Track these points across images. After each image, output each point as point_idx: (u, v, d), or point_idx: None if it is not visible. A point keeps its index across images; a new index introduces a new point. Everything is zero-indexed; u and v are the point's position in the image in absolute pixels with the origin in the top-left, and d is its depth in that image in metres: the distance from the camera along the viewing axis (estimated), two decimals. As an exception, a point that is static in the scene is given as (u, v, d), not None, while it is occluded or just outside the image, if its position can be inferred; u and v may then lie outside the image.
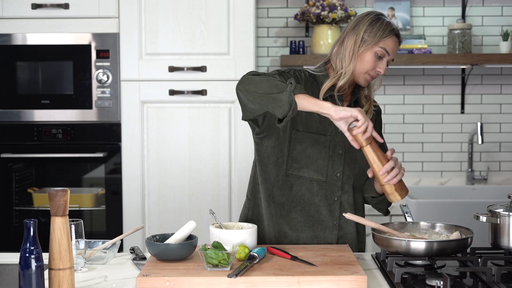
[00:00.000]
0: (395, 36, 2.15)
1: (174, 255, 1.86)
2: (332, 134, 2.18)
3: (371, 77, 2.16)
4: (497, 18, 3.73)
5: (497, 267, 1.78)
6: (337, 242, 2.20)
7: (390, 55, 2.15)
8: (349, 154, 2.20)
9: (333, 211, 2.19)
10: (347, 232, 2.21)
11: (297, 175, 2.17)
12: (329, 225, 2.19)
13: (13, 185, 3.36)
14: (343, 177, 2.19)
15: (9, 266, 1.99)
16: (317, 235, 2.18)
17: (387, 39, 2.13)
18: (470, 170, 3.71)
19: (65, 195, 1.63)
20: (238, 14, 3.22)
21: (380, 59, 2.14)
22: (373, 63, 2.14)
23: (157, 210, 3.28)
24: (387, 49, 2.14)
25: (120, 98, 3.26)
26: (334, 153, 2.18)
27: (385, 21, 2.16)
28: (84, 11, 3.23)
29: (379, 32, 2.13)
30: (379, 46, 2.13)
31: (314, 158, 2.16)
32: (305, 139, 2.16)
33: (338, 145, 2.18)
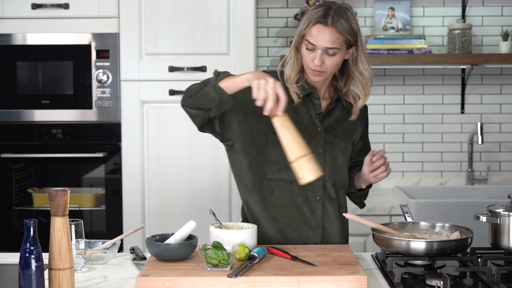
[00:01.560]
0: (320, 23, 2.03)
1: (174, 255, 1.86)
2: (310, 134, 2.16)
3: (313, 71, 2.09)
4: (497, 18, 3.73)
5: (497, 267, 1.78)
6: (321, 241, 2.18)
7: (317, 46, 2.05)
8: (329, 153, 2.18)
9: (316, 211, 2.17)
10: (331, 231, 2.20)
11: (277, 178, 2.15)
12: (313, 225, 2.18)
13: (13, 185, 3.36)
14: (325, 176, 2.17)
15: (9, 266, 1.99)
16: (302, 236, 2.17)
17: (311, 29, 2.05)
18: (470, 170, 3.71)
19: (65, 195, 1.63)
20: (238, 14, 3.22)
21: (313, 51, 2.07)
22: (307, 56, 2.08)
23: (157, 210, 3.28)
24: (311, 40, 2.05)
25: (120, 98, 3.26)
26: (314, 153, 2.16)
27: (318, 8, 2.06)
28: (84, 11, 3.23)
29: (306, 21, 2.06)
30: (305, 39, 2.07)
31: None
32: None
33: (318, 145, 2.16)
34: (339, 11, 2.05)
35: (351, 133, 2.25)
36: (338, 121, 2.22)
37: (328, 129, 2.19)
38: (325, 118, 2.20)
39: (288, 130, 1.86)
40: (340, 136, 2.21)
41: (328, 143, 2.18)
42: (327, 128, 2.19)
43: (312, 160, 1.87)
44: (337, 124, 2.22)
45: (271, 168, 2.15)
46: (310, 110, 2.18)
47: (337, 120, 2.22)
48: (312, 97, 2.18)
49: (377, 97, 3.77)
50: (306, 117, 2.17)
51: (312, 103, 2.18)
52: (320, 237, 2.18)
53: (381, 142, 3.79)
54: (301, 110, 2.17)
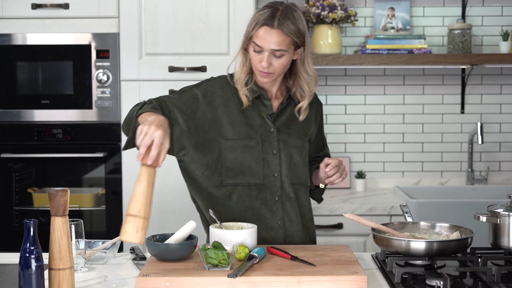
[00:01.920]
0: (266, 25, 2.02)
1: (174, 255, 1.86)
2: (263, 136, 2.15)
3: (261, 73, 2.09)
4: (497, 18, 3.73)
5: (497, 267, 1.78)
6: (284, 241, 2.18)
7: (264, 48, 2.04)
8: (284, 152, 2.17)
9: (276, 211, 2.17)
10: (292, 230, 2.19)
11: (234, 183, 2.15)
12: (274, 226, 2.17)
13: (13, 185, 3.36)
14: (281, 176, 2.17)
15: (9, 266, 1.99)
16: (265, 238, 2.16)
17: (257, 31, 2.04)
18: (470, 170, 3.71)
19: (65, 195, 1.63)
20: (238, 14, 3.22)
21: (260, 53, 2.07)
22: (255, 58, 2.08)
23: (157, 210, 3.27)
24: (258, 43, 2.05)
25: (120, 98, 3.26)
26: (268, 154, 2.16)
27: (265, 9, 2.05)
28: (84, 11, 3.23)
29: (253, 23, 2.06)
30: (252, 41, 2.07)
31: (248, 164, 2.14)
32: (236, 147, 2.13)
33: (272, 145, 2.16)
34: (286, 12, 2.05)
35: (306, 130, 2.25)
36: (292, 119, 2.21)
37: (281, 129, 2.19)
38: (278, 117, 2.20)
39: (143, 184, 1.74)
40: (294, 135, 2.21)
41: (282, 143, 2.17)
42: (280, 128, 2.19)
43: (142, 226, 1.71)
44: (290, 122, 2.21)
45: (227, 174, 2.14)
46: (261, 112, 2.18)
47: (290, 119, 2.21)
48: (263, 98, 2.17)
49: (377, 97, 3.77)
50: (258, 119, 2.17)
51: (263, 105, 2.18)
52: (283, 237, 2.18)
53: (381, 142, 3.79)
54: (252, 113, 2.17)
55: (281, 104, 2.20)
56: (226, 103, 2.16)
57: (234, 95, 2.17)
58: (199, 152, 2.15)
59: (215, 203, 2.17)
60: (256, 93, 2.16)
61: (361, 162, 3.79)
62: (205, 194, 2.18)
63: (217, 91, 2.17)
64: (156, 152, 1.77)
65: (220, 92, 2.17)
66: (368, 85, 3.77)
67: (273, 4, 2.09)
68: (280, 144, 2.17)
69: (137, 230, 1.69)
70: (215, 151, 2.14)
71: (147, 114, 1.99)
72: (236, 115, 2.15)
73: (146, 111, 2.01)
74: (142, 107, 2.06)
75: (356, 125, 3.79)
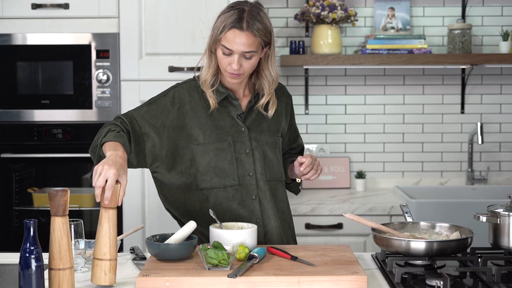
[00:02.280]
0: (235, 28, 2.02)
1: (174, 255, 1.86)
2: (234, 136, 2.15)
3: (231, 74, 2.08)
4: (497, 18, 3.73)
5: (497, 267, 1.78)
6: (264, 238, 2.17)
7: (234, 51, 2.03)
8: (257, 150, 2.17)
9: (254, 210, 2.17)
10: (271, 228, 2.18)
11: (210, 187, 2.14)
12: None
13: (13, 185, 3.36)
14: (256, 175, 2.17)
15: (9, 266, 1.99)
16: None
17: (226, 34, 2.03)
18: (470, 170, 3.71)
19: (65, 195, 1.63)
20: (238, 14, 3.22)
21: (229, 55, 2.05)
22: (224, 60, 2.07)
23: (157, 210, 3.27)
24: (227, 46, 2.03)
25: (120, 98, 3.26)
26: (241, 154, 2.15)
27: (232, 11, 2.04)
28: (84, 11, 3.23)
29: (220, 27, 2.04)
30: (220, 43, 2.05)
31: (222, 166, 2.13)
32: (208, 151, 2.13)
33: (244, 145, 2.16)
34: (253, 12, 2.04)
35: (277, 125, 2.25)
36: (262, 116, 2.21)
37: (253, 127, 2.18)
38: (248, 116, 2.20)
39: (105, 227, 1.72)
40: (265, 132, 2.20)
41: (255, 141, 2.17)
42: (251, 126, 2.18)
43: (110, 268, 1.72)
44: (261, 120, 2.21)
45: (202, 178, 2.14)
46: (231, 112, 2.17)
47: (260, 116, 2.21)
48: (231, 99, 2.17)
49: (377, 97, 3.77)
50: (228, 120, 2.16)
51: (232, 105, 2.17)
52: (262, 235, 2.17)
53: (381, 142, 3.79)
54: (222, 114, 2.16)
55: (250, 102, 2.20)
56: (195, 108, 2.15)
57: (202, 99, 2.16)
58: (172, 160, 2.14)
59: (193, 208, 2.16)
60: (223, 94, 2.15)
61: (361, 162, 3.79)
62: (181, 200, 2.18)
63: (184, 97, 2.17)
64: (109, 193, 1.73)
65: (187, 98, 2.16)
66: (368, 85, 3.77)
67: (238, 4, 2.08)
68: (253, 143, 2.17)
69: (105, 273, 1.71)
70: (187, 157, 2.14)
71: (109, 144, 1.98)
72: (206, 118, 2.14)
73: (108, 140, 2.00)
74: (106, 134, 2.04)
75: (356, 125, 3.79)
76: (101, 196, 1.74)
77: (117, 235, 1.76)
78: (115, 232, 1.74)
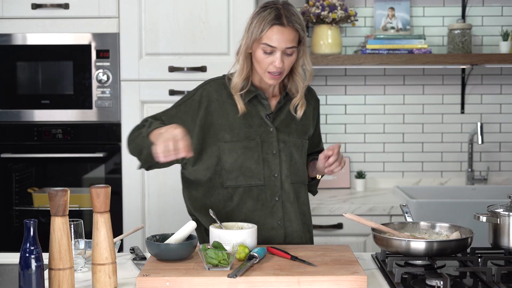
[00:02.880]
0: (277, 25, 2.02)
1: (174, 255, 1.86)
2: (262, 136, 2.15)
3: (272, 74, 2.08)
4: (497, 18, 3.73)
5: (497, 267, 1.78)
6: (284, 240, 2.18)
7: (277, 48, 2.04)
8: (284, 152, 2.17)
9: (276, 211, 2.17)
10: (292, 230, 2.19)
11: (235, 186, 2.15)
12: (274, 226, 2.17)
13: (13, 185, 3.36)
14: (281, 176, 2.16)
15: (9, 266, 1.99)
16: (264, 239, 2.16)
17: (268, 32, 2.03)
18: (470, 170, 3.71)
19: (65, 195, 1.63)
20: (238, 14, 3.22)
21: (271, 54, 2.06)
22: (265, 60, 2.06)
23: (157, 210, 3.28)
24: (270, 43, 2.03)
25: (120, 98, 3.26)
26: (268, 155, 2.15)
27: (268, 10, 2.04)
28: (84, 11, 3.23)
29: (260, 25, 2.03)
30: (262, 43, 2.05)
31: (248, 165, 2.13)
32: (235, 149, 2.13)
33: (272, 145, 2.16)
34: (288, 9, 2.06)
35: (305, 128, 2.25)
36: (291, 118, 2.21)
37: (281, 128, 2.18)
38: (276, 116, 2.20)
39: (103, 231, 1.73)
40: (293, 134, 2.20)
41: (282, 143, 2.17)
42: (279, 127, 2.18)
43: (113, 271, 1.73)
44: (289, 121, 2.21)
45: (228, 176, 2.15)
46: (260, 112, 2.17)
47: (289, 117, 2.21)
48: (260, 98, 2.17)
49: (377, 97, 3.77)
50: (256, 119, 2.16)
51: (261, 104, 2.18)
52: (282, 237, 2.18)
53: (381, 142, 3.79)
54: (251, 113, 2.16)
55: (279, 103, 2.19)
56: (222, 106, 2.15)
57: (230, 97, 2.16)
58: (200, 157, 2.15)
59: (216, 206, 2.17)
60: (252, 93, 2.15)
61: (361, 162, 3.79)
62: (206, 197, 2.18)
63: (212, 95, 2.17)
64: (183, 143, 1.83)
65: (215, 96, 2.16)
66: (368, 85, 3.77)
67: (270, 4, 2.08)
68: (280, 144, 2.17)
69: (109, 276, 1.72)
70: (214, 155, 2.15)
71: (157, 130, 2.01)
72: (234, 117, 2.15)
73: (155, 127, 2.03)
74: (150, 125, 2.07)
75: (356, 125, 3.79)
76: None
77: (113, 239, 1.78)
78: (112, 235, 1.75)
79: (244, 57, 2.11)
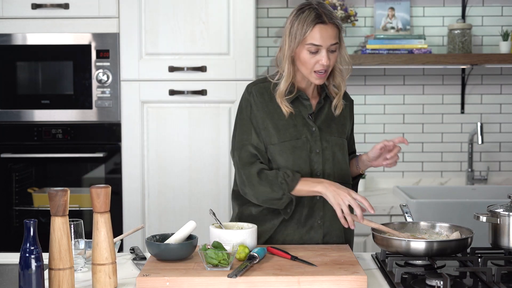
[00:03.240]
0: (320, 23, 2.05)
1: (174, 255, 1.86)
2: (307, 135, 2.16)
3: (319, 74, 2.10)
4: (497, 18, 3.73)
5: (497, 267, 1.78)
6: (322, 240, 2.18)
7: (323, 46, 2.06)
8: (327, 151, 2.18)
9: (317, 210, 2.18)
10: (331, 230, 2.19)
11: None
12: (314, 225, 2.18)
13: (13, 185, 3.36)
14: (324, 175, 2.17)
15: (9, 266, 1.99)
16: (303, 237, 2.17)
17: (312, 32, 2.05)
18: (470, 170, 3.71)
19: (65, 195, 1.63)
20: (238, 14, 3.22)
21: (317, 53, 2.08)
22: (310, 60, 2.08)
23: (157, 210, 3.28)
24: (316, 42, 2.05)
25: (120, 98, 3.26)
26: (312, 153, 2.17)
27: (306, 11, 2.07)
28: (84, 11, 3.23)
29: (303, 27, 2.06)
30: (306, 43, 2.07)
31: (297, 164, 2.15)
32: (284, 150, 2.15)
33: (315, 144, 2.17)
34: (324, 7, 2.10)
35: (344, 128, 2.26)
36: (331, 118, 2.23)
37: (323, 128, 2.20)
38: (318, 116, 2.21)
39: (103, 231, 1.73)
40: (335, 133, 2.22)
41: (325, 142, 2.18)
42: (321, 127, 2.20)
43: (113, 271, 1.73)
44: (330, 121, 2.22)
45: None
46: (301, 112, 2.18)
47: (329, 117, 2.22)
48: (302, 99, 2.18)
49: (377, 97, 3.77)
50: (299, 119, 2.18)
51: (303, 105, 2.19)
52: (321, 236, 2.18)
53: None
54: (294, 114, 2.17)
55: (319, 103, 2.21)
56: (267, 109, 2.16)
57: (273, 100, 2.17)
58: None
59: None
60: (295, 94, 2.16)
61: (361, 162, 3.78)
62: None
63: (257, 101, 2.17)
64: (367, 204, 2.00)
65: (259, 99, 2.17)
66: (368, 85, 3.77)
67: (306, 5, 2.10)
68: (323, 143, 2.18)
69: (109, 276, 1.72)
70: (266, 156, 2.18)
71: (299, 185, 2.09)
72: (278, 119, 2.16)
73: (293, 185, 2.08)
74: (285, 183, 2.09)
75: (356, 125, 3.76)
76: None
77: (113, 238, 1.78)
78: (112, 235, 1.75)
79: (289, 62, 2.13)
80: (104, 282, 1.71)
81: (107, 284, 1.72)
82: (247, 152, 2.15)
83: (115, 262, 1.74)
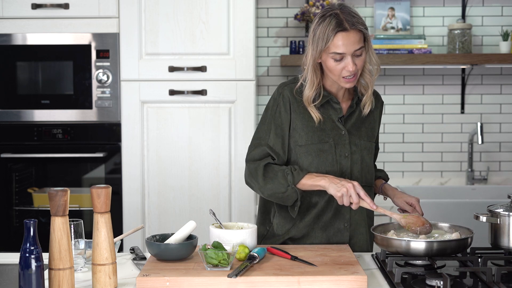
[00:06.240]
0: (341, 31, 2.02)
1: (174, 255, 1.86)
2: (335, 139, 2.16)
3: (347, 78, 2.09)
4: (497, 18, 3.73)
5: (497, 267, 1.78)
6: (349, 242, 2.19)
7: (346, 53, 2.04)
8: (356, 155, 2.19)
9: (344, 213, 2.18)
10: (358, 233, 2.21)
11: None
12: (341, 228, 2.19)
13: (13, 185, 3.36)
14: (352, 179, 2.17)
15: (9, 266, 1.99)
16: (330, 239, 2.19)
17: (334, 41, 2.03)
18: (470, 170, 3.71)
19: (65, 195, 1.63)
20: (238, 14, 3.22)
21: (342, 60, 2.06)
22: (337, 67, 2.07)
23: (157, 210, 3.28)
24: (338, 51, 2.04)
25: (120, 98, 3.26)
26: (341, 157, 2.17)
27: (327, 18, 2.04)
28: (84, 11, 3.23)
29: (324, 36, 2.03)
30: (330, 52, 2.05)
31: (323, 167, 2.15)
32: (310, 152, 2.15)
33: (344, 148, 2.17)
34: (346, 11, 2.06)
35: (373, 132, 2.27)
36: (361, 121, 2.23)
37: (352, 131, 2.20)
38: (348, 120, 2.21)
39: (103, 231, 1.72)
40: (364, 137, 2.22)
41: (354, 145, 2.18)
42: (350, 130, 2.20)
43: (113, 271, 1.73)
44: (360, 124, 2.22)
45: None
46: (331, 115, 2.18)
47: (359, 121, 2.22)
48: (332, 102, 2.18)
49: (377, 97, 3.77)
50: (328, 122, 2.17)
51: (333, 108, 2.18)
52: (348, 239, 2.19)
53: (381, 142, 3.78)
54: (324, 117, 2.17)
55: (351, 107, 2.20)
56: (296, 110, 2.16)
57: (301, 102, 2.16)
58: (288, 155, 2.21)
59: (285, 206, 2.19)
60: (325, 98, 2.16)
61: (361, 162, 3.78)
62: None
63: (286, 102, 2.17)
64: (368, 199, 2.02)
65: (289, 100, 2.17)
66: (368, 85, 3.76)
67: (327, 11, 2.07)
68: (352, 147, 2.18)
69: (110, 276, 1.72)
70: (292, 159, 2.18)
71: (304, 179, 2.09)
72: (307, 120, 2.16)
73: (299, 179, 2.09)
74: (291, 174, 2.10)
75: (356, 125, 3.78)
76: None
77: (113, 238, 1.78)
78: (112, 235, 1.75)
79: (313, 69, 2.11)
80: (104, 282, 1.71)
81: (107, 284, 1.72)
82: (261, 151, 2.15)
83: (115, 262, 1.74)
